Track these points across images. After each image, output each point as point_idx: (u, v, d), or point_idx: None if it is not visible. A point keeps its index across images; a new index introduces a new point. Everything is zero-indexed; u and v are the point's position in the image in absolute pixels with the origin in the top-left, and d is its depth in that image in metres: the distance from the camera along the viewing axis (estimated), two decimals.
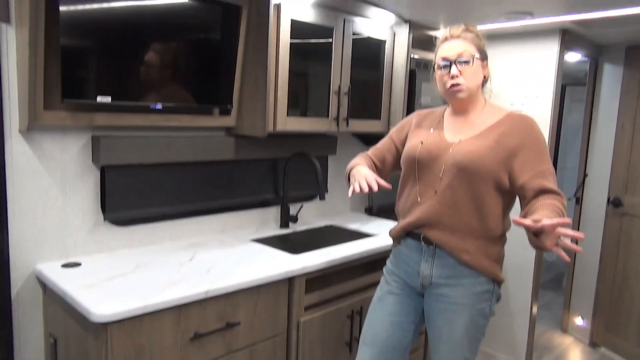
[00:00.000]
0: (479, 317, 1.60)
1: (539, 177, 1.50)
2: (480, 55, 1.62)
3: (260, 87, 2.06)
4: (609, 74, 3.16)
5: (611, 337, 3.15)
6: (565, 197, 1.50)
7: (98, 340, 1.43)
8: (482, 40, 1.65)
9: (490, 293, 1.61)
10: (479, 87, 1.65)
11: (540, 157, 1.54)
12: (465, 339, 1.60)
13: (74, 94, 1.66)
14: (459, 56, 1.59)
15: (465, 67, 1.59)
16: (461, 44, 1.60)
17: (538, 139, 1.57)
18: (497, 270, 1.62)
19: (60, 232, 1.82)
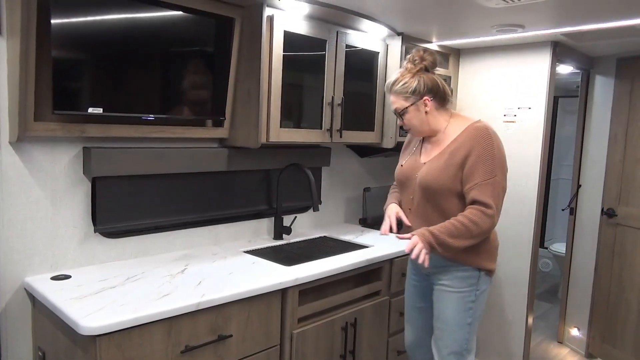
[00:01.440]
0: (464, 301, 1.83)
1: (474, 188, 1.73)
2: (414, 98, 1.81)
3: (253, 99, 2.06)
4: (600, 86, 3.18)
5: (607, 348, 3.13)
6: (492, 208, 1.71)
7: (87, 353, 1.41)
8: (412, 82, 1.80)
9: (475, 279, 1.83)
10: (425, 121, 1.84)
11: (482, 168, 1.72)
12: (453, 320, 1.84)
13: (65, 106, 1.65)
14: (396, 110, 1.86)
15: (403, 117, 1.84)
16: (393, 99, 1.85)
17: (485, 149, 1.74)
18: (482, 261, 1.83)
19: (50, 244, 1.80)
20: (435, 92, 1.82)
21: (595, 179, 3.20)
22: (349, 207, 2.99)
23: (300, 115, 2.35)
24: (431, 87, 1.80)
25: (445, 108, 1.87)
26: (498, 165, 1.74)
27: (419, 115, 1.83)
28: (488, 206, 1.71)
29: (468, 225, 1.70)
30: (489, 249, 1.86)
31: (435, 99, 1.83)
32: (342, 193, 2.94)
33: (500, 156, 1.76)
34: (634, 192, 2.94)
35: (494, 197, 1.72)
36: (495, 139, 1.77)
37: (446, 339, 1.89)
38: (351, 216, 3.01)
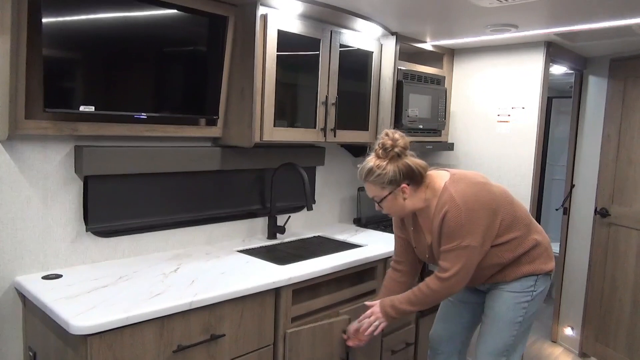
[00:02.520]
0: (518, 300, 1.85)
1: (440, 255, 1.78)
2: (391, 187, 1.75)
3: (246, 98, 2.06)
4: (594, 86, 3.20)
5: (601, 347, 3.14)
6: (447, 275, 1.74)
7: (78, 353, 1.40)
8: (389, 172, 1.72)
9: (532, 281, 1.85)
10: (404, 205, 1.80)
11: (448, 237, 1.73)
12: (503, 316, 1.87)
13: (57, 104, 1.64)
14: (373, 198, 1.83)
15: (382, 204, 1.81)
16: (369, 188, 1.81)
17: (453, 218, 1.71)
18: (538, 266, 1.84)
19: (41, 243, 1.79)
20: (412, 177, 1.75)
21: (588, 179, 3.21)
22: (343, 207, 2.99)
23: (294, 115, 2.34)
24: (407, 173, 1.73)
25: (423, 185, 1.80)
26: (466, 229, 1.70)
27: (398, 202, 1.78)
28: (444, 270, 1.75)
29: (425, 292, 1.79)
30: (541, 253, 1.86)
31: (412, 184, 1.77)
32: (336, 193, 2.94)
33: (469, 218, 1.70)
34: (627, 192, 2.95)
35: (454, 261, 1.72)
36: (461, 203, 1.70)
37: (492, 336, 1.88)
38: (345, 216, 3.01)
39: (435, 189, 1.78)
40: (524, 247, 1.82)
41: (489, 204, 1.74)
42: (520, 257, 1.83)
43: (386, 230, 2.77)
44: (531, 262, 1.84)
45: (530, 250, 1.84)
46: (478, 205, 1.72)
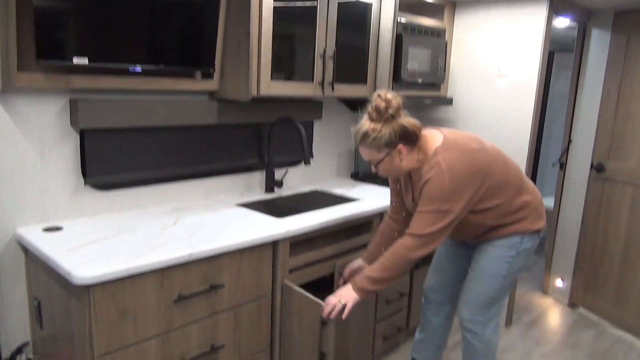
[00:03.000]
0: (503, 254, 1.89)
1: (415, 215, 1.75)
2: (388, 149, 1.72)
3: (242, 51, 2.02)
4: (596, 40, 3.14)
5: (589, 298, 3.24)
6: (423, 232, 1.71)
7: (81, 302, 1.44)
8: (384, 134, 1.69)
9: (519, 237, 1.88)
10: (400, 166, 1.77)
11: (428, 199, 1.72)
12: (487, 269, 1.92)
13: (49, 55, 1.61)
14: (369, 161, 1.80)
15: (378, 167, 1.79)
16: (364, 151, 1.78)
17: (436, 183, 1.70)
18: (525, 226, 1.88)
19: (40, 197, 1.80)
20: (407, 138, 1.72)
21: (586, 135, 3.21)
22: (341, 161, 3.00)
23: (292, 68, 2.31)
24: (402, 134, 1.70)
25: (416, 146, 1.77)
26: (447, 195, 1.69)
27: (394, 164, 1.76)
28: (419, 228, 1.72)
29: (398, 251, 1.74)
30: (529, 213, 1.88)
31: (408, 144, 1.74)
32: (334, 147, 2.94)
33: (451, 185, 1.69)
34: (623, 148, 2.96)
35: (432, 224, 1.70)
36: (447, 170, 1.69)
37: (475, 287, 1.94)
38: (343, 170, 3.02)
39: (427, 151, 1.76)
40: (509, 211, 1.84)
41: (477, 173, 1.73)
42: (506, 218, 1.85)
43: (383, 185, 2.79)
44: (518, 222, 1.87)
45: (518, 211, 1.86)
46: (464, 177, 1.71)
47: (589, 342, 2.91)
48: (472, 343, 1.97)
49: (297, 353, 1.95)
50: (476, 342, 1.96)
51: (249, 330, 1.88)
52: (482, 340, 1.96)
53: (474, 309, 1.94)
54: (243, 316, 1.85)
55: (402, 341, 2.74)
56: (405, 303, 2.65)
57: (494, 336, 2.00)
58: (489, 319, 1.96)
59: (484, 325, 1.95)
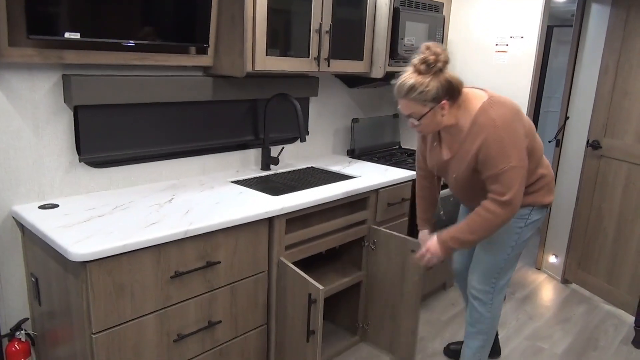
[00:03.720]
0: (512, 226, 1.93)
1: (489, 179, 1.75)
2: (432, 104, 1.71)
3: (237, 25, 1.99)
4: (596, 14, 3.10)
5: (582, 274, 3.28)
6: (507, 198, 1.72)
7: (78, 279, 1.45)
8: (431, 88, 1.68)
9: (527, 210, 1.93)
10: (441, 122, 1.77)
11: (493, 161, 1.72)
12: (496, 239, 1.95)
13: (40, 30, 1.58)
14: (409, 116, 1.77)
15: (418, 122, 1.76)
16: (407, 105, 1.74)
17: (493, 139, 1.71)
18: (534, 199, 1.92)
19: (35, 174, 1.80)
20: (452, 94, 1.72)
21: (583, 111, 3.20)
22: (337, 138, 2.99)
23: (287, 43, 2.28)
24: (448, 89, 1.70)
25: (458, 102, 1.78)
26: (511, 152, 1.70)
27: (436, 119, 1.75)
28: (501, 194, 1.72)
29: (486, 217, 1.76)
30: (542, 186, 1.93)
31: (451, 100, 1.74)
32: (330, 124, 2.92)
33: (513, 140, 1.71)
34: (619, 124, 2.96)
35: (509, 184, 1.71)
36: (502, 125, 1.71)
37: (485, 258, 2.00)
38: (339, 147, 3.02)
39: (470, 108, 1.76)
40: (529, 180, 1.87)
41: (522, 128, 1.77)
42: (526, 187, 1.86)
43: (379, 162, 2.79)
44: (531, 194, 1.91)
45: (535, 182, 1.91)
46: (515, 125, 1.73)
47: (580, 317, 2.96)
48: (480, 311, 2.04)
49: (290, 329, 1.98)
50: (484, 311, 2.04)
51: (246, 306, 1.91)
52: (490, 309, 2.04)
53: (484, 279, 2.01)
54: (240, 293, 1.87)
55: None
56: None
57: (500, 308, 2.08)
58: (498, 289, 2.03)
59: (492, 295, 2.02)
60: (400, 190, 2.51)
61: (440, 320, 2.82)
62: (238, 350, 1.93)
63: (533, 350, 2.58)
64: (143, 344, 1.60)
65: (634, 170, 2.88)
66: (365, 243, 2.38)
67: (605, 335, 2.77)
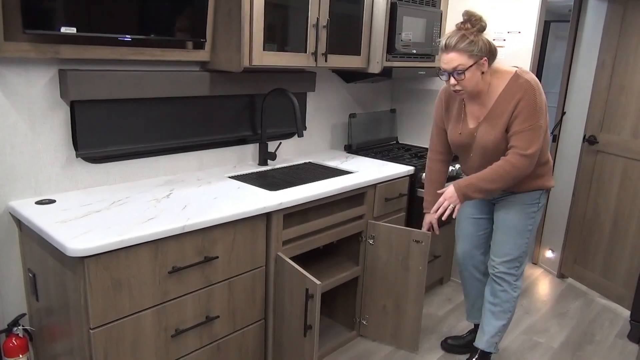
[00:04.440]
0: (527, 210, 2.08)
1: (514, 135, 1.90)
2: (477, 57, 1.86)
3: (234, 20, 1.99)
4: (593, 10, 3.11)
5: (578, 269, 3.30)
6: (529, 152, 1.88)
7: (76, 274, 1.45)
8: (478, 41, 1.85)
9: (538, 194, 2.08)
10: (479, 80, 1.91)
11: (524, 117, 1.87)
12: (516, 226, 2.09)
13: (36, 24, 1.57)
14: (454, 69, 1.87)
15: (461, 76, 1.87)
16: (455, 57, 1.86)
17: (529, 101, 1.87)
18: (543, 182, 2.06)
19: (32, 169, 1.79)
20: (491, 53, 1.89)
21: (580, 107, 3.21)
22: (334, 134, 2.99)
23: (284, 38, 2.27)
24: (489, 48, 1.87)
25: (489, 67, 1.93)
26: (540, 113, 1.87)
27: (477, 75, 1.89)
28: (524, 148, 1.88)
29: (506, 168, 1.90)
30: (548, 170, 2.07)
31: (490, 60, 1.89)
32: (328, 119, 2.92)
33: (542, 104, 1.88)
34: (616, 120, 2.97)
35: (532, 141, 1.88)
36: (537, 89, 1.88)
37: (508, 245, 2.11)
38: (336, 142, 3.02)
39: (503, 73, 1.94)
40: (540, 161, 2.00)
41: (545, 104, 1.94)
42: (536, 168, 1.99)
43: (376, 157, 2.80)
44: (541, 177, 2.04)
45: (543, 165, 2.03)
46: (543, 93, 1.91)
47: (576, 312, 2.98)
48: (508, 291, 2.15)
49: (288, 324, 1.98)
50: (511, 290, 2.15)
51: (244, 301, 1.91)
52: (515, 289, 2.16)
53: (509, 264, 2.12)
54: (237, 288, 1.87)
55: None
56: None
57: (519, 289, 2.20)
58: (520, 272, 2.17)
59: (517, 276, 2.15)
60: (397, 185, 2.52)
61: (437, 315, 2.84)
62: (236, 345, 1.93)
63: (529, 345, 2.60)
64: (141, 339, 1.60)
65: (630, 166, 2.89)
66: (362, 238, 2.39)
67: (601, 329, 2.79)
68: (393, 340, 2.46)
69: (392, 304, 2.41)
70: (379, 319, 2.47)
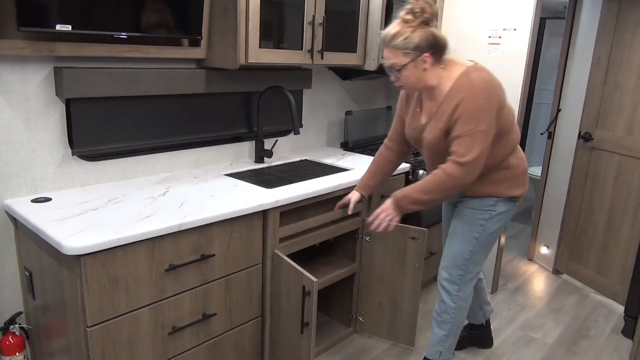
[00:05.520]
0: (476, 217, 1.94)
1: (453, 140, 1.75)
2: (414, 55, 1.71)
3: (230, 17, 1.98)
4: (588, 7, 3.11)
5: (573, 265, 3.32)
6: (465, 160, 1.72)
7: (72, 272, 1.45)
8: (414, 37, 1.69)
9: (492, 201, 1.91)
10: (422, 78, 1.77)
11: (464, 121, 1.71)
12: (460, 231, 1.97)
13: (31, 22, 1.56)
14: (392, 66, 1.76)
15: (399, 73, 1.76)
16: (389, 54, 1.74)
17: (469, 100, 1.71)
18: (501, 190, 1.90)
19: (28, 167, 1.79)
20: (435, 48, 1.72)
21: (575, 104, 3.22)
22: (331, 131, 2.99)
23: (280, 36, 2.27)
24: (432, 41, 1.70)
25: (441, 64, 1.79)
26: (482, 117, 1.71)
27: (417, 72, 1.75)
28: (461, 155, 1.72)
29: (441, 177, 1.75)
30: (508, 177, 1.89)
31: (434, 55, 1.74)
32: (324, 116, 2.92)
33: (488, 107, 1.71)
34: (610, 116, 2.98)
35: (470, 148, 1.71)
36: (482, 90, 1.71)
37: (450, 250, 2.00)
38: (332, 140, 3.02)
39: (454, 70, 1.77)
40: (496, 164, 1.85)
41: (501, 98, 1.77)
42: (489, 172, 1.85)
43: (372, 154, 2.80)
44: (496, 184, 1.89)
45: (502, 170, 1.87)
46: (494, 93, 1.73)
47: (571, 307, 3.00)
48: (445, 301, 2.04)
49: (284, 321, 1.99)
50: (449, 301, 2.03)
51: (240, 299, 1.91)
52: (454, 300, 2.02)
53: (449, 269, 2.01)
54: (234, 285, 1.87)
55: None
56: None
57: (466, 300, 2.05)
58: (465, 282, 2.01)
59: (459, 287, 2.01)
60: (393, 182, 2.52)
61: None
62: (233, 343, 1.94)
63: (525, 340, 2.62)
64: (138, 337, 1.60)
65: (624, 162, 2.91)
66: (359, 235, 2.40)
67: (595, 324, 2.81)
68: (390, 336, 2.47)
69: (389, 301, 2.42)
70: (375, 315, 2.48)
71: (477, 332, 2.46)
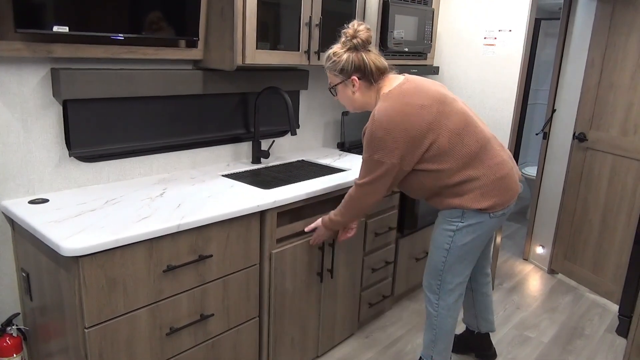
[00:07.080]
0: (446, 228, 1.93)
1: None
2: (342, 77, 1.83)
3: (227, 19, 1.99)
4: (582, 8, 3.14)
5: (568, 265, 3.34)
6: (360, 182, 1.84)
7: (70, 273, 1.45)
8: (341, 61, 1.79)
9: (459, 212, 1.88)
10: (353, 99, 1.87)
11: (364, 147, 1.81)
12: (434, 241, 1.99)
13: (28, 24, 1.56)
14: (329, 84, 1.90)
15: (334, 92, 1.90)
16: (327, 73, 1.88)
17: (368, 131, 1.78)
18: (465, 202, 1.84)
19: (25, 169, 1.78)
20: (363, 72, 1.79)
21: (570, 104, 3.24)
22: (327, 131, 3.00)
23: (277, 36, 2.28)
24: (358, 66, 1.78)
25: (376, 86, 1.83)
26: (375, 148, 1.75)
27: (347, 93, 1.86)
28: (359, 177, 1.85)
29: (346, 198, 1.92)
30: (473, 189, 1.82)
31: (364, 79, 1.80)
32: (320, 117, 2.93)
33: (382, 140, 1.73)
34: (605, 117, 3.00)
35: (365, 173, 1.82)
36: (379, 123, 1.72)
37: (428, 259, 2.04)
38: (329, 140, 3.03)
39: (381, 94, 1.83)
40: (448, 182, 1.82)
41: (410, 130, 1.72)
42: (446, 189, 1.84)
43: None
44: (459, 196, 1.84)
45: (459, 184, 1.82)
46: (395, 127, 1.72)
47: (566, 307, 3.02)
48: (428, 308, 2.07)
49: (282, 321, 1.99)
50: (431, 308, 2.05)
51: (238, 299, 1.92)
52: (435, 308, 2.03)
53: (428, 277, 2.05)
54: (232, 286, 1.88)
55: (387, 308, 2.81)
56: (391, 271, 2.71)
57: (448, 309, 2.00)
58: (445, 292, 1.99)
59: (438, 295, 2.00)
60: None
61: None
62: (230, 343, 1.94)
63: (520, 340, 2.63)
64: (136, 337, 1.61)
65: (618, 163, 2.93)
66: None
67: (590, 324, 2.83)
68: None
69: None
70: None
71: (471, 338, 2.42)
